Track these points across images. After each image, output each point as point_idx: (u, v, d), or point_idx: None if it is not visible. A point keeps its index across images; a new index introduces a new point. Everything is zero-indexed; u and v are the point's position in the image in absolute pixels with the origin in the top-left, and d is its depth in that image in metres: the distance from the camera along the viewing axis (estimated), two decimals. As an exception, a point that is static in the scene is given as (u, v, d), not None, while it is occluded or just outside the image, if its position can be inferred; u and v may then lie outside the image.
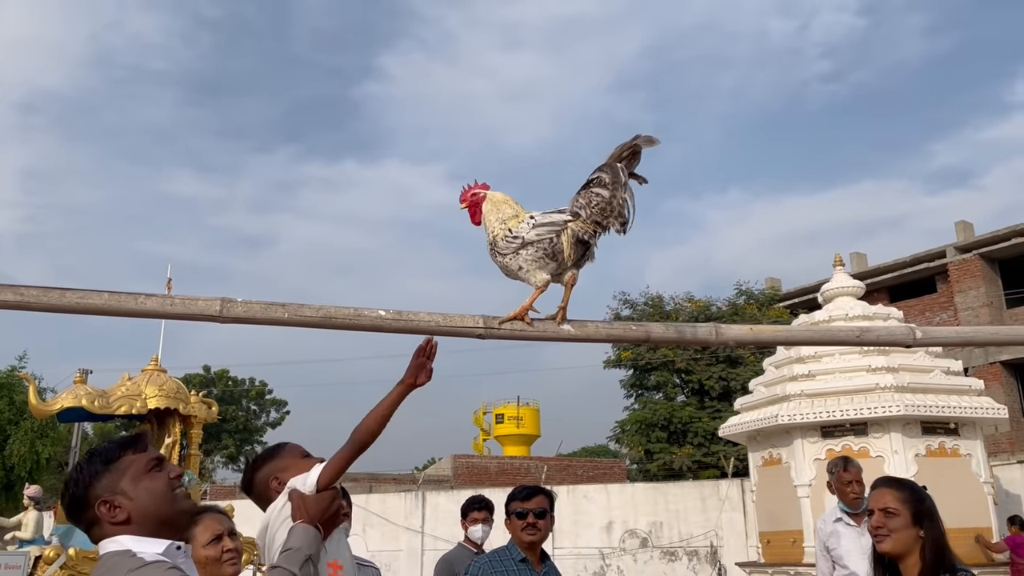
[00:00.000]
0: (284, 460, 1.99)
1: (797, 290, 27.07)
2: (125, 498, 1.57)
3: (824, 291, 10.83)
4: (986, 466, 9.60)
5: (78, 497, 1.59)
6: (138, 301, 1.67)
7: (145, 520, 1.57)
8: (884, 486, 2.66)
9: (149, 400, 8.34)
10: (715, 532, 14.57)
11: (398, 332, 1.85)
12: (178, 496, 1.64)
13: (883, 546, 2.59)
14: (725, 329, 1.98)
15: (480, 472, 26.07)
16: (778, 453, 10.02)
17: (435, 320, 1.85)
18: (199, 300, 1.71)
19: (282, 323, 1.73)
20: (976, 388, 9.70)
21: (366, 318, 1.79)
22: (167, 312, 1.69)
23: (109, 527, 1.57)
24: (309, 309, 1.76)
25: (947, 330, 2.03)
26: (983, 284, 23.44)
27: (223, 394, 33.81)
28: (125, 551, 1.52)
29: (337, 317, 1.77)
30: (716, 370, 20.41)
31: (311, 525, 1.81)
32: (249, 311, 1.71)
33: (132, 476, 1.59)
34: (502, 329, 1.91)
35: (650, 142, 1.92)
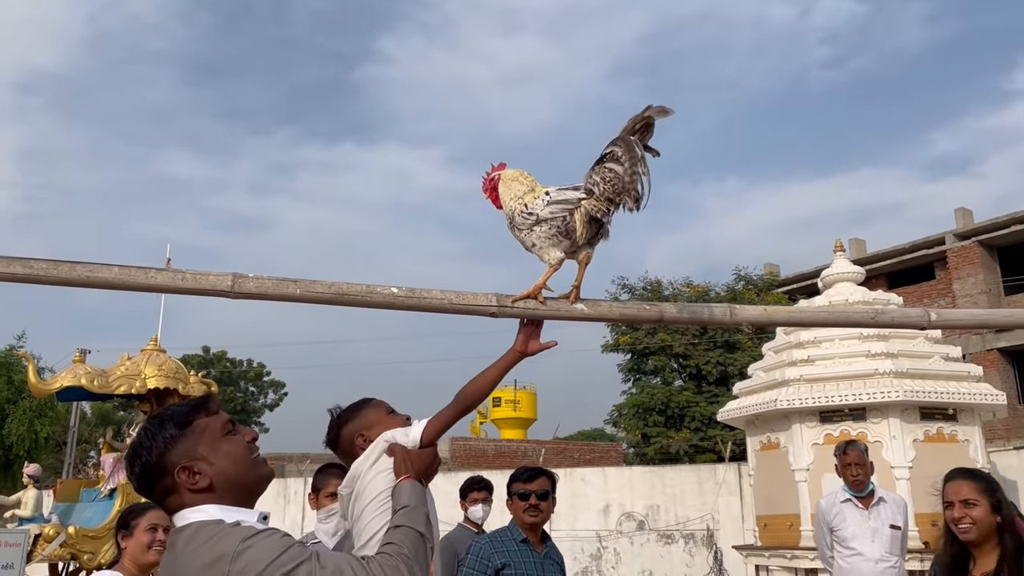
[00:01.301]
0: (369, 417, 1.96)
1: (796, 276, 27.09)
2: (205, 463, 1.48)
3: (824, 276, 10.82)
4: (983, 452, 9.63)
5: (152, 465, 1.48)
6: (148, 275, 1.65)
7: (227, 487, 1.49)
8: (961, 478, 2.80)
9: (148, 380, 8.33)
10: (711, 516, 14.63)
11: (410, 309, 1.83)
12: (257, 461, 1.56)
13: (967, 536, 2.74)
14: (739, 310, 1.96)
15: (478, 455, 26.15)
16: (776, 438, 10.05)
17: (448, 298, 1.83)
18: (210, 275, 1.69)
19: (294, 299, 1.71)
20: (975, 374, 9.71)
21: (378, 295, 1.77)
22: (178, 287, 1.67)
23: (189, 495, 1.47)
24: (321, 285, 1.74)
25: (962, 312, 2.02)
26: (982, 271, 23.46)
27: (221, 375, 33.80)
28: (215, 520, 1.42)
29: (349, 293, 1.75)
30: (714, 355, 20.46)
31: (417, 481, 1.76)
32: (261, 287, 1.69)
33: (209, 440, 1.51)
34: (514, 308, 1.89)
35: (663, 112, 1.85)
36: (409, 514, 1.64)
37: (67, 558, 7.86)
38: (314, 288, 1.72)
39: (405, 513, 1.65)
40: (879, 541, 4.55)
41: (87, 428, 27.81)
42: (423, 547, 1.59)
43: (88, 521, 8.00)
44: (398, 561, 1.50)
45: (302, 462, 20.12)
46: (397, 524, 1.62)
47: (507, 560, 3.36)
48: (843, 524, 4.65)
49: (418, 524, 1.62)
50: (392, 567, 1.48)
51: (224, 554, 1.35)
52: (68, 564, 8.22)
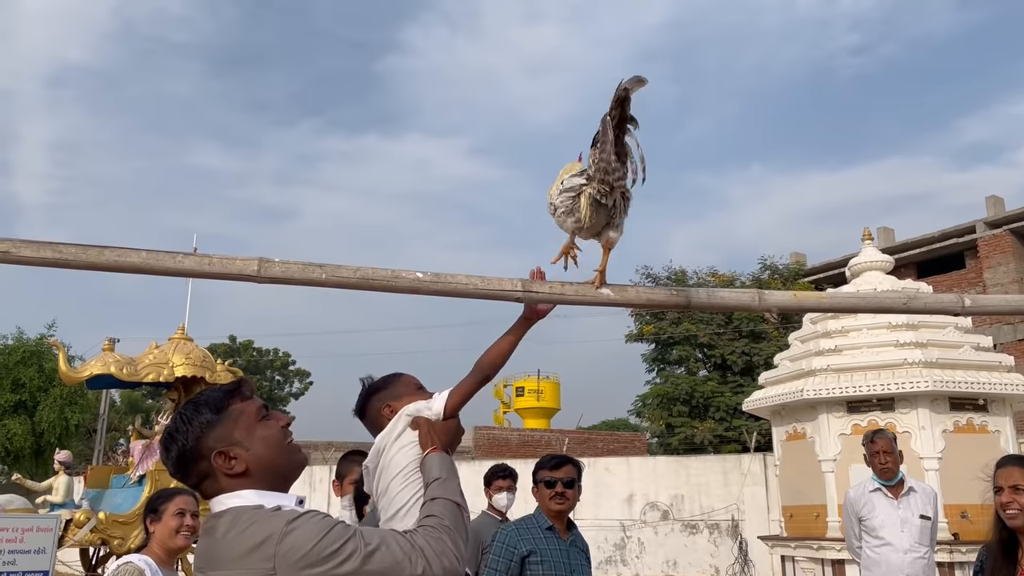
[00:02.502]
0: (398, 389, 1.98)
1: (823, 265, 26.79)
2: (241, 448, 1.48)
3: (852, 265, 10.69)
4: (1015, 443, 9.49)
5: (188, 449, 1.48)
6: (176, 260, 1.66)
7: (263, 472, 1.48)
8: (1012, 464, 2.80)
9: (176, 368, 8.43)
10: (736, 506, 14.56)
11: (435, 294, 1.82)
12: (292, 447, 1.56)
13: (1015, 522, 2.74)
14: (768, 295, 1.94)
15: (501, 444, 26.22)
16: (803, 428, 9.97)
17: (473, 283, 1.82)
18: (237, 260, 1.69)
19: (320, 284, 1.71)
20: (1006, 364, 9.56)
21: (404, 280, 1.76)
22: (205, 271, 1.67)
23: (226, 480, 1.47)
24: (347, 270, 1.73)
25: (996, 298, 1.97)
26: (1013, 260, 23.06)
27: (248, 364, 34.17)
28: (255, 506, 1.42)
29: (375, 278, 1.74)
30: (739, 345, 20.32)
31: (445, 452, 1.77)
32: (287, 271, 1.69)
33: (245, 425, 1.50)
34: (540, 293, 1.88)
35: (639, 83, 1.80)
36: (443, 485, 1.65)
37: (97, 543, 8.00)
38: (340, 273, 1.72)
39: (439, 485, 1.65)
40: (908, 531, 4.49)
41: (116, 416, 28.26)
42: (461, 517, 1.60)
43: (118, 507, 8.12)
44: (441, 533, 1.51)
45: (327, 450, 20.28)
46: (433, 496, 1.63)
47: (533, 547, 3.36)
48: (872, 514, 4.58)
49: (454, 495, 1.64)
50: (436, 539, 1.49)
51: (269, 536, 1.35)
52: (99, 549, 8.36)
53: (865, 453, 4.71)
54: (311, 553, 1.33)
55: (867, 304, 1.96)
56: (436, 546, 1.47)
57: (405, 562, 1.40)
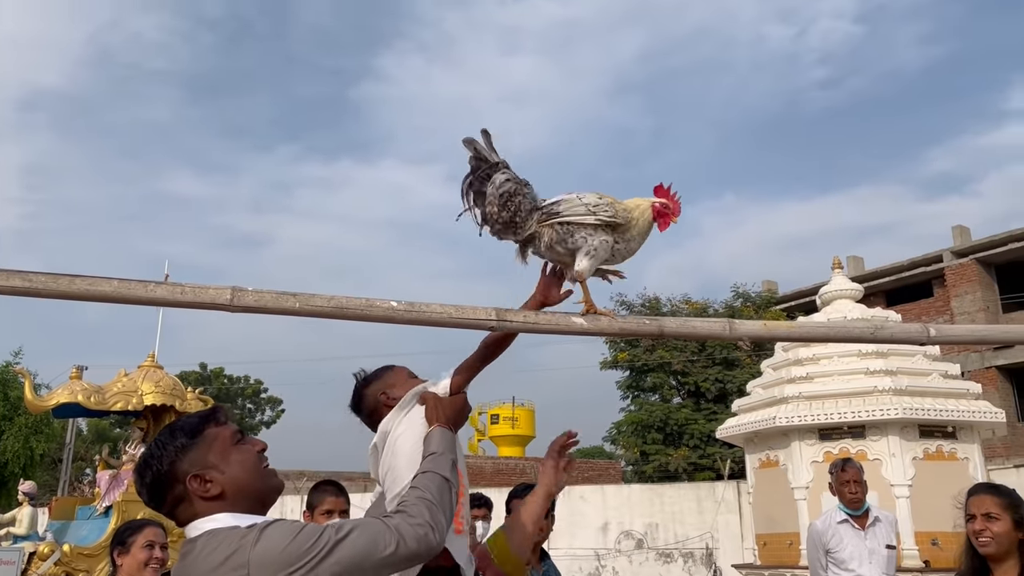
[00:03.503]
0: (392, 378, 2.00)
1: (794, 293, 27.11)
2: (217, 471, 1.48)
3: (823, 293, 10.83)
4: (983, 470, 9.60)
5: (163, 474, 1.48)
6: (148, 289, 1.65)
7: (239, 495, 1.48)
8: (984, 492, 2.85)
9: (145, 396, 8.29)
10: (711, 534, 14.56)
11: (410, 323, 1.82)
12: (268, 471, 1.56)
13: (986, 549, 2.78)
14: (739, 324, 1.96)
15: (476, 472, 26.03)
16: (775, 455, 10.01)
17: (447, 312, 1.82)
18: (210, 288, 1.68)
19: (293, 313, 1.70)
20: (974, 391, 9.70)
21: (378, 309, 1.76)
22: (177, 300, 1.67)
23: (201, 504, 1.46)
24: (320, 299, 1.74)
25: (961, 328, 2.02)
26: (980, 289, 23.50)
27: (219, 392, 33.74)
28: (230, 527, 1.41)
29: (349, 307, 1.74)
30: (712, 372, 20.45)
31: (448, 428, 1.78)
32: (260, 300, 1.69)
33: (220, 449, 1.51)
34: (513, 322, 1.89)
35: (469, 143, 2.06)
36: (436, 460, 1.67)
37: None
38: (313, 302, 1.72)
39: (432, 459, 1.67)
40: (876, 562, 4.51)
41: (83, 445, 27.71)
42: (448, 492, 1.61)
43: (83, 539, 7.94)
44: (421, 506, 1.52)
45: (299, 479, 20.00)
46: (424, 470, 1.65)
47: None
48: (840, 545, 4.56)
49: (443, 469, 1.64)
50: (414, 514, 1.50)
51: (241, 546, 1.35)
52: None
53: (832, 482, 4.71)
54: (285, 554, 1.33)
55: (835, 334, 1.99)
56: (413, 521, 1.48)
57: (379, 543, 1.41)
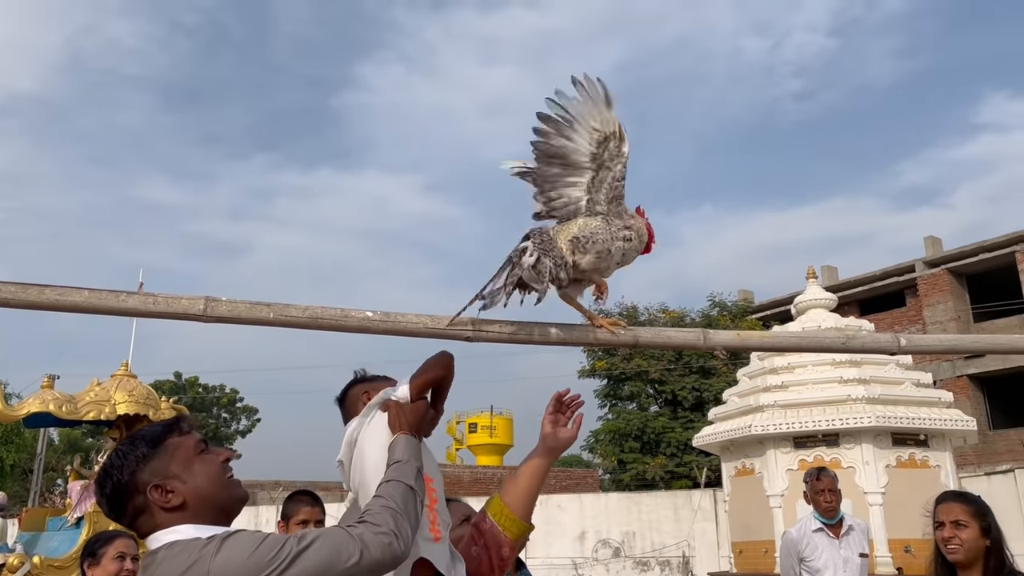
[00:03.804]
0: (380, 385, 1.97)
1: (770, 302, 27.33)
2: (179, 482, 1.45)
3: (797, 303, 10.93)
4: (955, 477, 9.72)
5: (123, 484, 1.45)
6: (119, 299, 1.63)
7: (201, 505, 1.46)
8: (952, 500, 2.89)
9: (118, 406, 8.19)
10: (687, 542, 14.61)
11: (385, 333, 1.82)
12: (231, 481, 1.54)
13: (955, 556, 2.81)
14: (713, 334, 1.98)
15: (453, 481, 25.94)
16: (751, 463, 10.08)
17: (422, 322, 1.82)
18: (182, 299, 1.67)
19: (267, 323, 1.70)
20: (945, 400, 9.82)
21: (353, 319, 1.76)
22: (149, 311, 1.65)
23: (162, 515, 1.44)
24: (295, 309, 1.73)
25: (930, 338, 2.05)
26: (951, 298, 23.83)
27: (193, 401, 33.37)
28: (192, 538, 1.39)
29: (324, 317, 1.74)
30: (689, 381, 20.54)
31: (412, 435, 1.75)
32: (234, 310, 1.68)
33: (183, 459, 1.48)
34: (489, 333, 1.89)
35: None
36: (400, 468, 1.64)
37: (31, 589, 7.66)
38: (288, 312, 1.71)
39: (397, 467, 1.64)
40: (850, 570, 4.53)
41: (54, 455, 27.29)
42: (413, 500, 1.59)
43: (54, 551, 7.81)
44: (385, 515, 1.50)
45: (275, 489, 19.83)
46: (388, 479, 1.62)
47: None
48: (815, 554, 4.58)
49: (407, 478, 1.62)
50: (379, 523, 1.47)
51: (201, 557, 1.33)
52: (32, 595, 8.01)
53: (807, 491, 4.74)
54: (246, 566, 1.31)
55: (807, 344, 2.02)
56: (377, 529, 1.46)
57: (342, 553, 1.39)
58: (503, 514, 1.87)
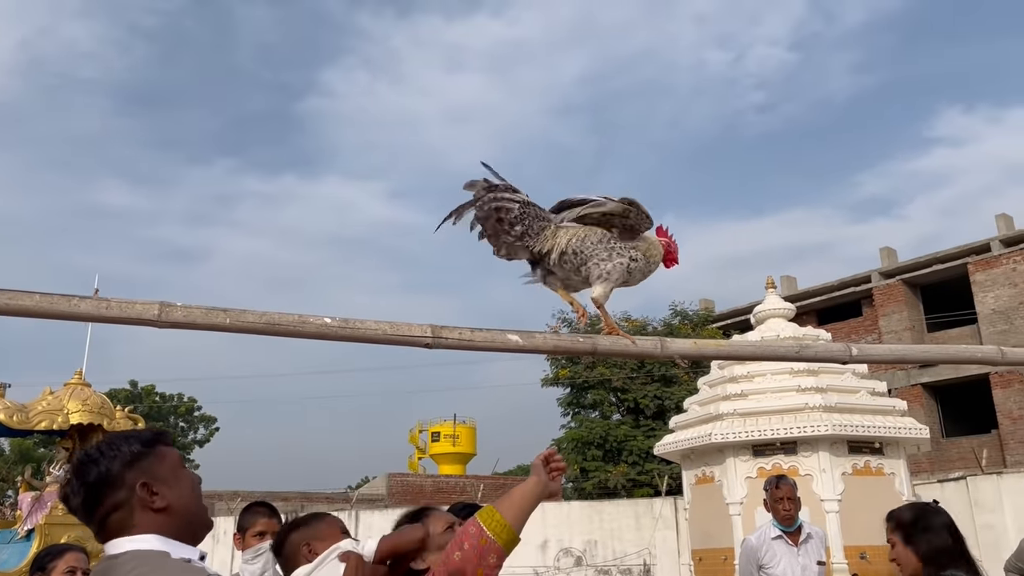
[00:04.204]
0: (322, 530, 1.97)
1: (730, 311, 27.67)
2: (166, 487, 1.44)
3: (757, 312, 11.08)
4: (909, 485, 9.91)
5: (112, 474, 1.41)
6: (71, 303, 1.61)
7: (180, 516, 1.44)
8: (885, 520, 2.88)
9: (71, 415, 8.02)
10: (648, 550, 14.68)
11: (343, 340, 1.81)
12: (204, 504, 1.54)
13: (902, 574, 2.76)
14: (670, 343, 2.00)
15: (415, 491, 25.80)
16: (711, 471, 10.17)
17: (382, 329, 1.82)
18: (136, 304, 1.65)
19: (224, 328, 1.68)
20: (900, 408, 10.02)
21: (311, 325, 1.75)
22: (102, 315, 1.63)
23: (141, 515, 1.40)
24: (252, 315, 1.72)
25: (881, 348, 2.09)
26: (906, 308, 24.34)
27: (150, 410, 32.78)
28: (160, 552, 1.36)
29: (281, 324, 1.73)
30: (651, 389, 20.68)
31: None
32: (189, 316, 1.66)
33: (171, 466, 1.47)
34: (449, 339, 1.90)
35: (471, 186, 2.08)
36: None
37: (-23, 603, 7.46)
38: (244, 318, 1.70)
39: None
40: None
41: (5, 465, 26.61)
42: None
43: (3, 564, 7.61)
44: None
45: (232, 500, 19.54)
46: None
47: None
48: (774, 561, 4.63)
49: None
50: None
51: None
52: (-22, 610, 7.79)
53: (766, 499, 4.79)
54: None
55: (762, 352, 2.05)
56: None
57: None
58: (494, 519, 1.85)
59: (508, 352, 1.97)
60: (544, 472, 1.95)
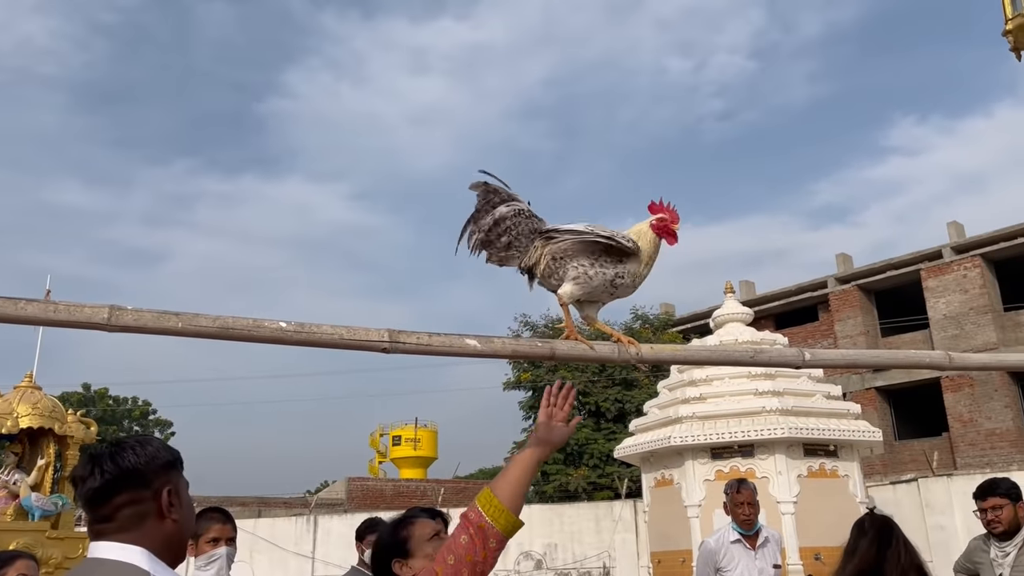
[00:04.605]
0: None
1: (690, 315, 27.95)
2: (180, 501, 1.48)
3: (716, 317, 11.21)
4: (862, 487, 10.10)
5: (144, 470, 1.43)
6: (18, 306, 1.57)
7: (178, 535, 1.47)
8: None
9: (21, 419, 7.83)
10: (608, 553, 14.75)
11: (299, 344, 1.79)
12: None
13: None
14: (626, 347, 2.02)
15: (375, 495, 25.60)
16: (670, 474, 10.26)
17: (338, 333, 1.80)
18: (86, 307, 1.61)
19: (175, 333, 1.65)
20: (854, 412, 10.20)
21: (266, 329, 1.73)
22: (50, 319, 1.59)
23: (152, 522, 1.42)
24: (205, 319, 1.69)
25: (833, 353, 2.13)
26: (860, 314, 24.81)
27: (103, 414, 32.09)
28: (141, 571, 1.36)
29: (235, 328, 1.70)
30: (612, 392, 20.80)
31: None
32: (139, 320, 1.63)
33: (183, 485, 1.53)
34: (406, 344, 1.88)
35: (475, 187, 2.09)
36: None
37: (-81, 614, 7.23)
38: (197, 322, 1.67)
39: None
40: None
41: (-50, 471, 25.81)
42: None
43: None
44: None
45: (189, 505, 19.20)
46: None
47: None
48: (731, 564, 4.68)
49: None
50: None
51: None
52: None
53: (727, 502, 4.84)
54: None
55: (717, 357, 2.08)
56: None
57: None
58: (491, 504, 1.84)
59: (466, 356, 1.97)
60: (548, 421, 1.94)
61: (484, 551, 1.80)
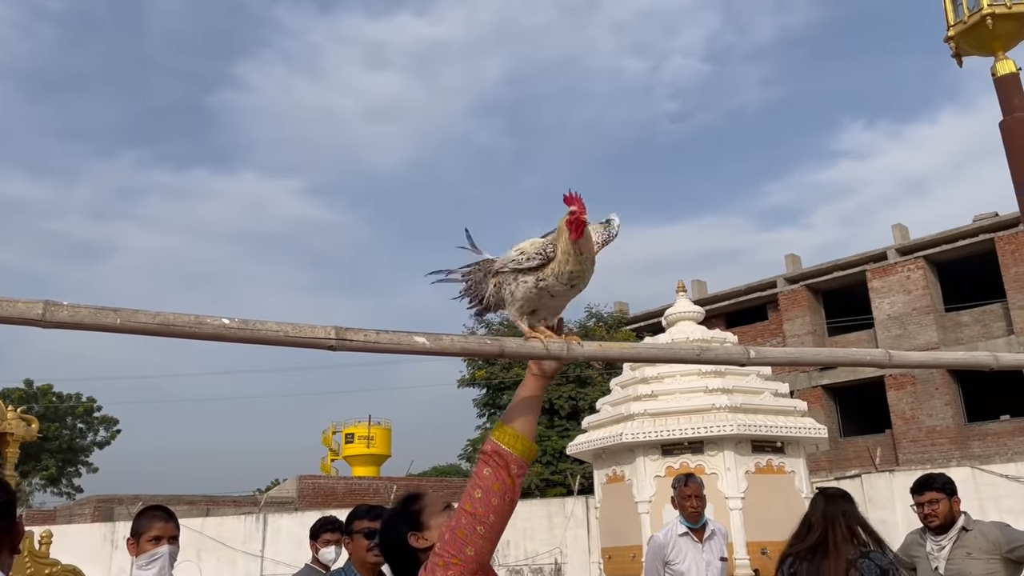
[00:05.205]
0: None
1: (643, 314, 28.23)
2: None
3: (667, 315, 11.33)
4: (808, 483, 10.29)
5: None
6: (-54, 301, 1.51)
7: None
8: None
9: (-43, 416, 7.58)
10: (560, 549, 14.84)
11: (243, 342, 1.76)
12: None
13: None
14: (575, 346, 2.02)
15: (327, 493, 25.35)
16: (621, 471, 10.34)
17: (284, 330, 1.77)
18: (19, 302, 1.56)
19: (114, 329, 1.60)
20: (800, 409, 10.40)
21: (208, 326, 1.69)
22: (-20, 314, 1.53)
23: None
24: (144, 315, 1.64)
25: (778, 351, 2.17)
26: (808, 313, 25.32)
27: (46, 411, 31.22)
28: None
29: (176, 324, 1.66)
30: (566, 390, 20.92)
31: None
32: (76, 316, 1.58)
33: None
34: (354, 342, 1.86)
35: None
36: None
37: None
38: (136, 318, 1.62)
39: None
40: (712, 573, 4.75)
41: None
42: None
43: None
44: None
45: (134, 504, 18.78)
46: None
47: (347, 602, 3.26)
48: (679, 557, 4.76)
49: None
50: None
51: None
52: None
53: (674, 496, 4.92)
54: None
55: (664, 355, 2.10)
56: None
57: None
58: (506, 433, 1.90)
59: (415, 354, 1.95)
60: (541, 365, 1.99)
61: (510, 478, 1.85)
